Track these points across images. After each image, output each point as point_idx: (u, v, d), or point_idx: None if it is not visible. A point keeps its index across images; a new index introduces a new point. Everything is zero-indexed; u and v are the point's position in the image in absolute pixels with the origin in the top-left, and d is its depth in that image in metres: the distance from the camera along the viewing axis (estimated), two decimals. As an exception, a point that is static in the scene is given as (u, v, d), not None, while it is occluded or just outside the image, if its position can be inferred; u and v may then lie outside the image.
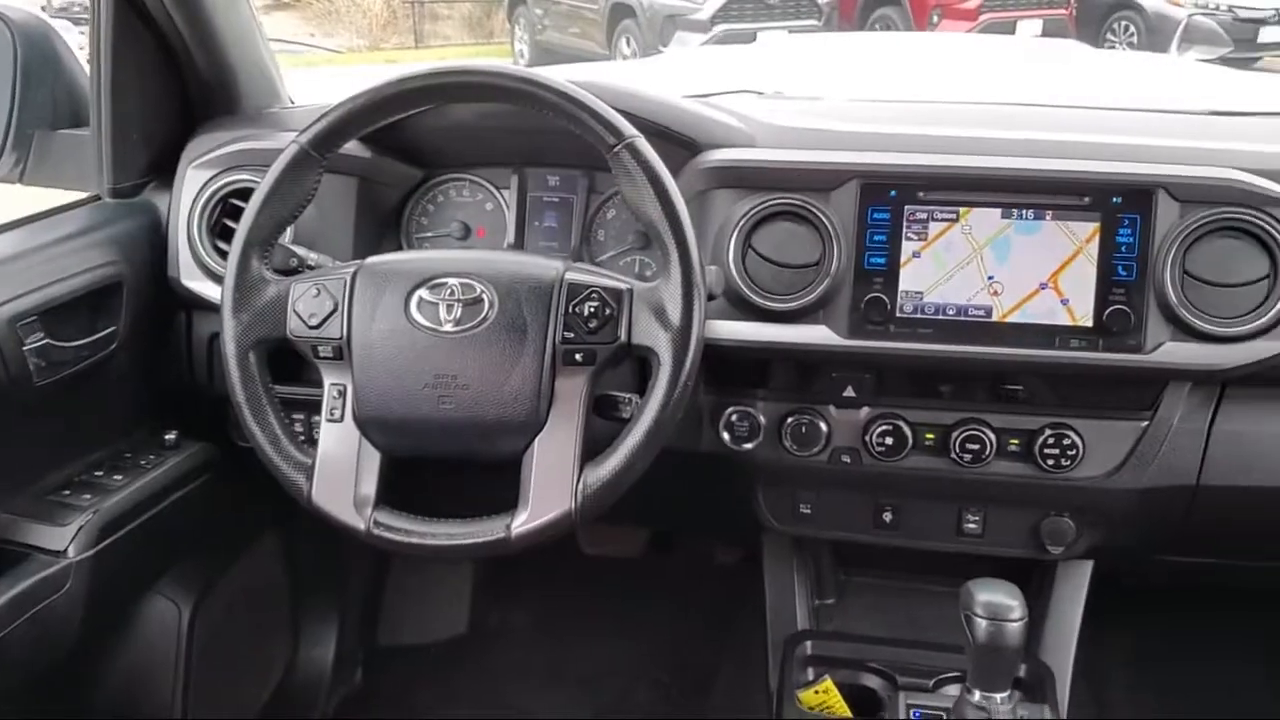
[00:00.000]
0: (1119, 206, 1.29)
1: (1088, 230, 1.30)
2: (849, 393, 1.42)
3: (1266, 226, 1.26)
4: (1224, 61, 10.01)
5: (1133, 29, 11.12)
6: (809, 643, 1.58)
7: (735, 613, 1.97)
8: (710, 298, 1.27)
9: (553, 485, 1.18)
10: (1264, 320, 1.26)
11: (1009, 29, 10.25)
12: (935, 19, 10.94)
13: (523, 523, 1.18)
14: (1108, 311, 1.29)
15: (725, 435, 1.46)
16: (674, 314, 1.18)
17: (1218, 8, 10.69)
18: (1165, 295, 1.27)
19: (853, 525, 1.53)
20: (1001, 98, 1.91)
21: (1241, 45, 10.65)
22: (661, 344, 1.19)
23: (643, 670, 2.16)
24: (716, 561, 2.21)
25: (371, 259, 1.27)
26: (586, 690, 2.13)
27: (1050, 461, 1.38)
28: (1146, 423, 1.38)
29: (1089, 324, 1.30)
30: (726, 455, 1.46)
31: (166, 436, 1.58)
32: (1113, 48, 10.60)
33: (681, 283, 1.18)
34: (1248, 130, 1.55)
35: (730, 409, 1.45)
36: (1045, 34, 10.15)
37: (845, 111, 1.67)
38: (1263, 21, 10.71)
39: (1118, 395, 1.38)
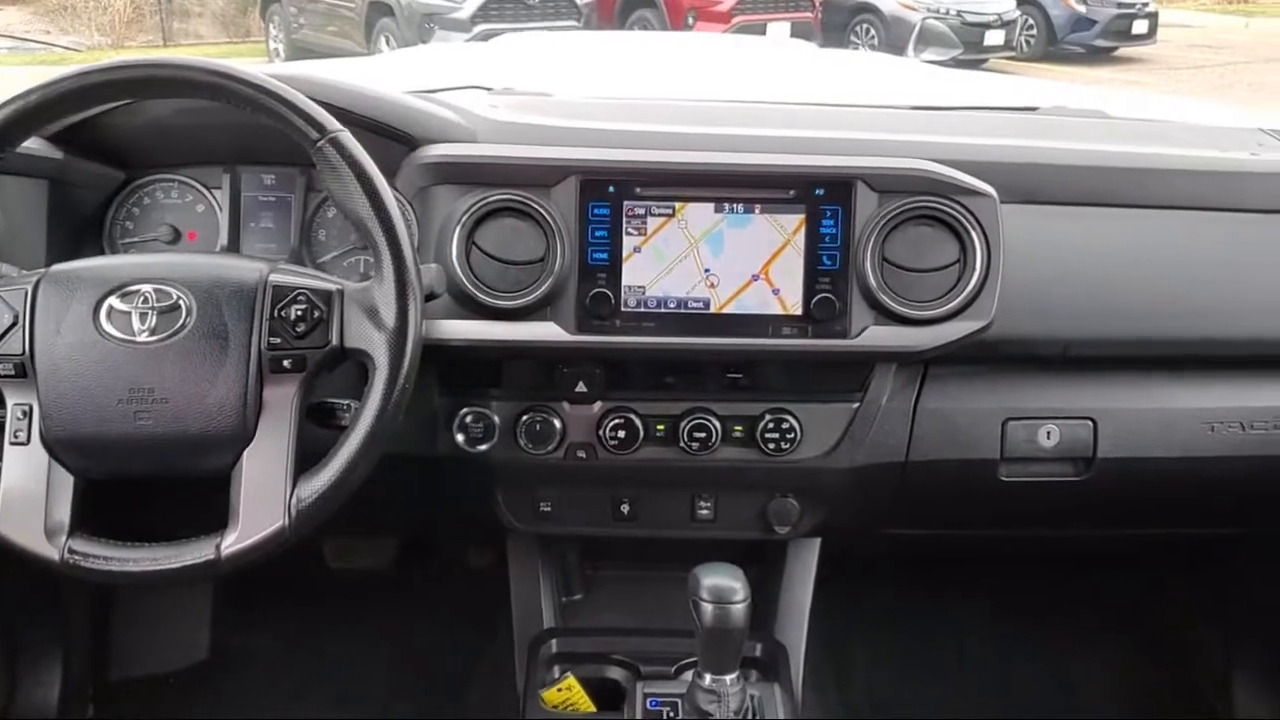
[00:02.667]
0: (821, 198, 1.34)
1: (794, 222, 1.34)
2: (581, 388, 1.43)
3: (955, 214, 1.34)
4: (955, 62, 10.76)
5: (874, 32, 11.79)
6: (554, 641, 1.58)
7: (490, 616, 1.94)
8: (431, 296, 1.25)
9: (263, 501, 1.13)
10: (956, 303, 1.34)
11: (760, 30, 10.66)
12: (691, 20, 11.25)
13: (232, 543, 1.12)
14: (815, 300, 1.34)
15: (460, 437, 1.43)
16: (388, 315, 1.15)
17: (947, 12, 11.48)
18: (867, 282, 1.33)
19: (593, 520, 1.54)
20: (729, 95, 1.96)
21: (970, 48, 11.49)
22: (376, 346, 1.15)
23: (398, 682, 2.11)
24: (470, 565, 2.18)
25: (56, 266, 1.18)
26: (339, 708, 2.05)
27: (771, 445, 1.43)
28: (857, 404, 1.44)
29: (799, 312, 1.34)
30: (462, 458, 1.44)
31: None
32: (856, 49, 11.19)
33: (395, 282, 1.15)
34: (945, 124, 1.66)
35: (464, 410, 1.43)
36: (794, 36, 10.59)
37: (571, 108, 1.67)
38: (987, 25, 11.59)
39: (830, 379, 1.44)
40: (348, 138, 1.16)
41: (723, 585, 1.24)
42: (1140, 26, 12.98)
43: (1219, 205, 1.47)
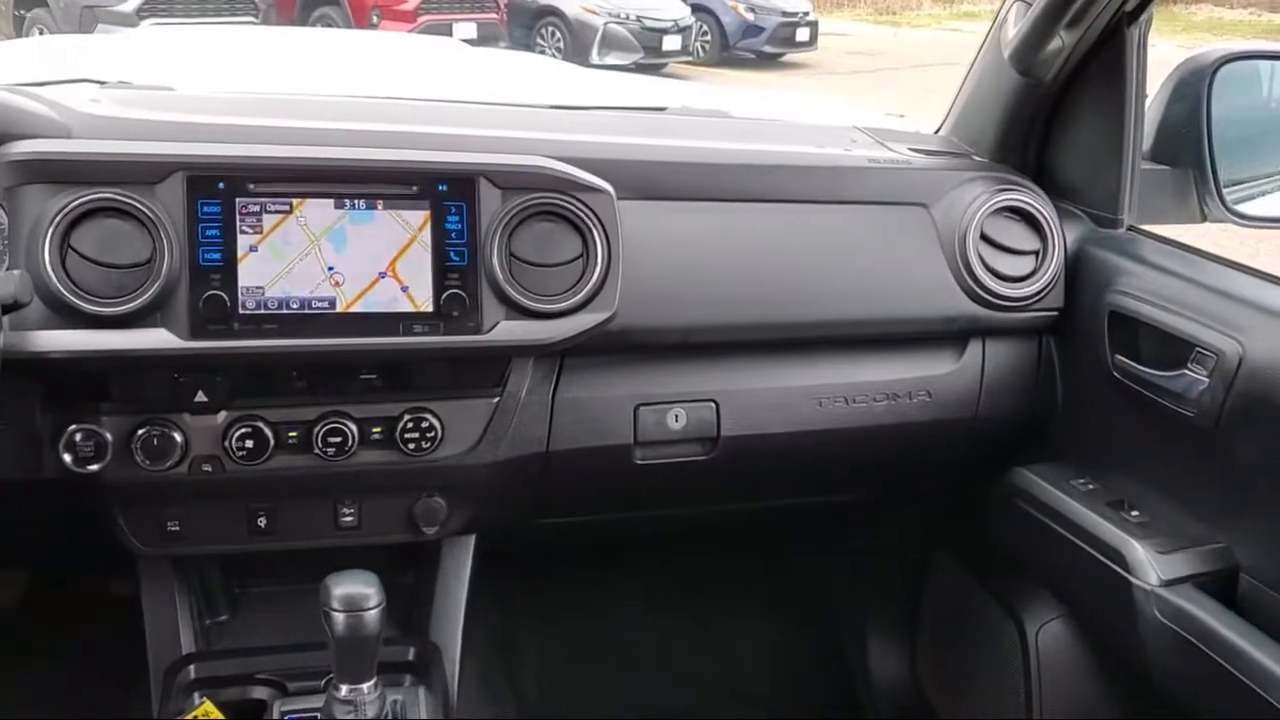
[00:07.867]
0: (445, 194, 1.34)
1: (419, 218, 1.33)
2: (201, 398, 1.36)
3: (576, 210, 1.37)
4: (638, 67, 11.12)
5: (559, 35, 11.99)
6: (192, 667, 1.49)
7: (137, 645, 1.82)
8: (15, 306, 1.15)
9: None
10: (581, 296, 1.37)
11: (446, 30, 10.59)
12: (375, 19, 11.03)
13: None
14: (444, 296, 1.33)
15: (68, 457, 1.32)
16: None
17: (628, 17, 11.85)
18: (495, 277, 1.34)
19: (227, 536, 1.47)
20: (368, 92, 1.93)
21: (650, 52, 11.94)
22: None
23: None
24: (114, 593, 2.03)
25: None
26: None
27: (412, 445, 1.41)
28: (497, 399, 1.45)
29: (430, 309, 1.33)
30: (73, 479, 1.33)
31: None
32: (542, 52, 11.34)
33: None
34: (575, 123, 1.70)
35: (72, 427, 1.32)
36: (480, 37, 10.61)
37: (190, 103, 1.59)
38: (665, 31, 12.07)
39: (468, 375, 1.44)
40: None
41: (354, 593, 1.21)
42: (803, 34, 14.00)
43: (816, 198, 1.58)
